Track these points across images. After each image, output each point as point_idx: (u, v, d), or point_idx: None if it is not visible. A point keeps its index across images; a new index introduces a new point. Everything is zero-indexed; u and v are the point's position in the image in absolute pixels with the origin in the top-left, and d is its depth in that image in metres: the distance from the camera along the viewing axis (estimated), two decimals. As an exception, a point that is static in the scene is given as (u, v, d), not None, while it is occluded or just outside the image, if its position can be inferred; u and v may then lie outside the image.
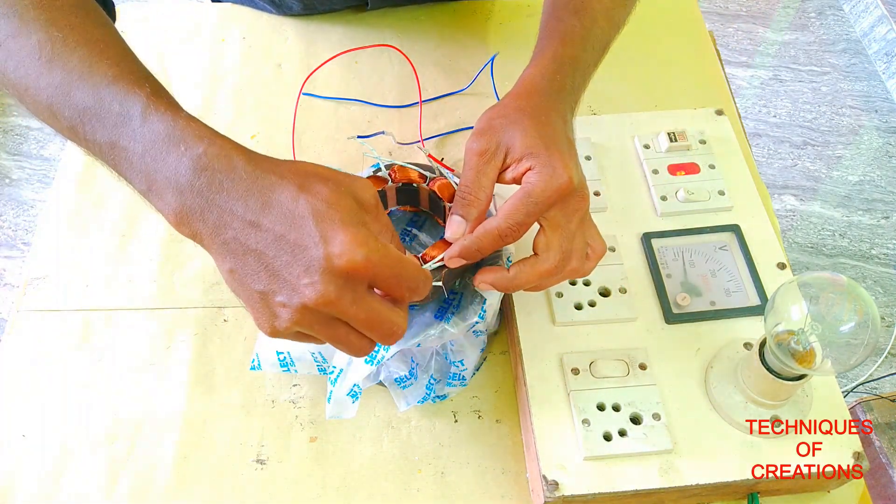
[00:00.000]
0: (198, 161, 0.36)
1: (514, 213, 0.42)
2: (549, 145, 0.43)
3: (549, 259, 0.44)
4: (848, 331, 0.41)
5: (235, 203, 0.36)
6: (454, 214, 0.44)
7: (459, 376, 0.53)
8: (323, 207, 0.35)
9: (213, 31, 0.79)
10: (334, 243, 0.35)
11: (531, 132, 0.43)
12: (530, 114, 0.44)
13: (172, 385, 0.56)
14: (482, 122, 0.45)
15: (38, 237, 0.64)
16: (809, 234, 1.61)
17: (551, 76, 0.47)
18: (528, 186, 0.42)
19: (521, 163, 0.43)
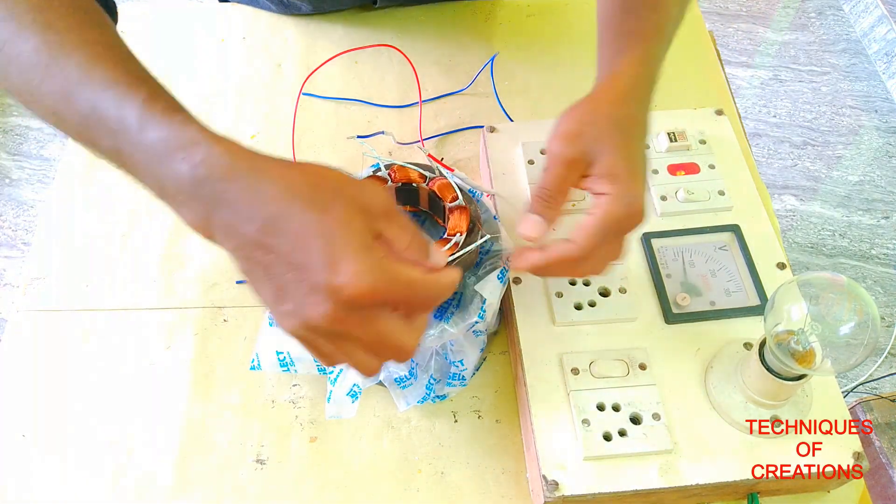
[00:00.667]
0: (196, 170, 0.34)
1: (592, 240, 0.43)
2: (631, 171, 0.43)
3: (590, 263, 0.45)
4: (848, 331, 0.41)
5: (237, 217, 0.34)
6: (532, 213, 0.45)
7: (459, 376, 0.53)
8: (331, 228, 0.34)
9: (213, 31, 0.79)
10: (340, 271, 0.33)
11: (620, 151, 0.43)
12: (622, 127, 0.44)
13: (172, 385, 0.56)
14: (571, 124, 0.44)
15: (38, 237, 0.64)
16: (809, 234, 1.61)
17: (644, 80, 0.47)
18: (606, 213, 0.43)
19: (601, 181, 0.43)
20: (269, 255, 0.34)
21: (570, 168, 0.44)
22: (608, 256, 0.46)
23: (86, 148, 0.39)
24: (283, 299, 0.35)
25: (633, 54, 0.47)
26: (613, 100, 0.45)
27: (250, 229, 0.34)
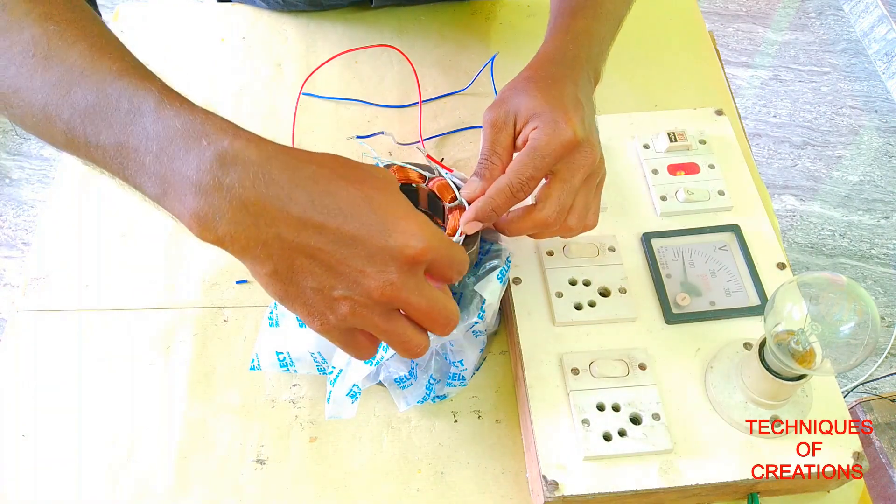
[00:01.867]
0: (225, 154, 0.33)
1: (522, 168, 0.44)
2: (553, 105, 0.44)
3: (546, 209, 0.45)
4: (848, 331, 0.41)
5: (277, 198, 0.33)
6: (471, 178, 0.47)
7: (459, 376, 0.53)
8: (376, 195, 0.34)
9: (213, 31, 0.79)
10: (397, 231, 0.34)
11: (536, 96, 0.45)
12: (537, 81, 0.46)
13: (172, 385, 0.56)
14: (497, 98, 0.48)
15: (38, 237, 0.64)
16: (809, 234, 1.61)
17: (563, 48, 0.49)
18: (533, 142, 0.44)
19: (527, 125, 0.45)
20: (316, 235, 0.33)
21: (495, 128, 0.46)
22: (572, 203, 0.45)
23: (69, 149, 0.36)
24: (332, 284, 0.34)
25: (556, 30, 0.51)
26: (530, 67, 0.49)
27: (294, 209, 0.33)
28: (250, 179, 0.33)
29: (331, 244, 0.33)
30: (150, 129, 0.34)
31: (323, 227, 0.33)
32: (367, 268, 0.34)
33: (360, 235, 0.33)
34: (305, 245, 0.33)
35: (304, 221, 0.33)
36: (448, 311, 0.37)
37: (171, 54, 0.77)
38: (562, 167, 0.44)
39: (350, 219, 0.33)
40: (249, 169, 0.33)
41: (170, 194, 0.34)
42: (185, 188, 0.33)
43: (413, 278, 0.35)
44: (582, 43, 0.50)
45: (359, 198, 0.34)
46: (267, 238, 0.33)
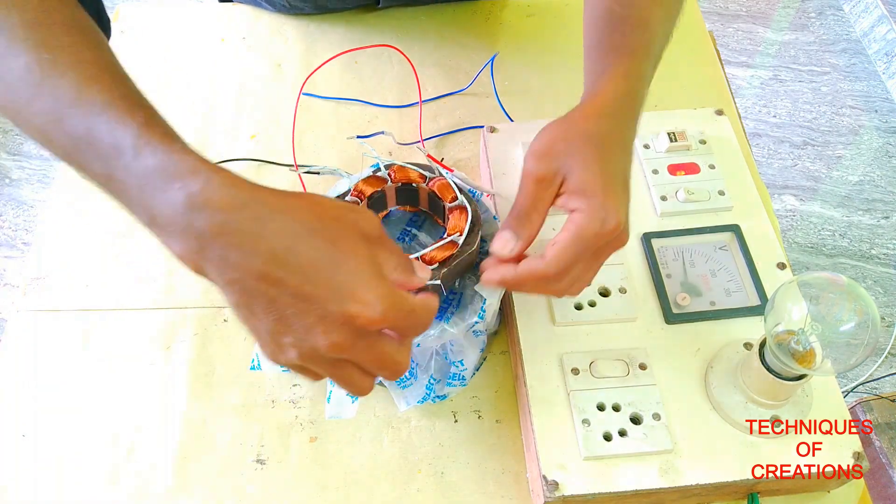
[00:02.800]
0: (195, 199, 0.33)
1: (562, 257, 0.42)
2: (606, 185, 0.41)
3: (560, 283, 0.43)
4: (848, 331, 0.41)
5: (240, 249, 0.33)
6: (505, 229, 0.44)
7: (459, 376, 0.53)
8: (340, 257, 0.34)
9: (213, 31, 0.79)
10: (353, 299, 0.34)
11: (592, 167, 0.42)
12: (596, 143, 0.43)
13: (172, 385, 0.56)
14: (543, 142, 0.43)
15: (38, 237, 0.64)
16: (809, 234, 1.61)
17: (623, 96, 0.45)
18: (578, 230, 0.41)
19: (574, 197, 0.42)
20: (274, 288, 0.34)
21: (541, 185, 0.43)
22: (585, 277, 0.44)
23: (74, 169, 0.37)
24: (283, 331, 0.35)
25: (615, 71, 0.46)
26: (589, 116, 0.44)
27: (255, 262, 0.33)
28: (217, 227, 0.33)
29: (288, 298, 0.34)
30: (130, 165, 0.34)
31: (282, 283, 0.34)
32: (319, 327, 0.34)
33: (316, 296, 0.34)
34: (264, 294, 0.34)
35: (265, 274, 0.34)
36: (397, 363, 0.38)
37: (171, 54, 0.77)
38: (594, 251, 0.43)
39: (310, 279, 0.34)
40: (217, 216, 0.33)
41: (156, 224, 0.35)
42: (165, 223, 0.34)
43: (363, 340, 0.35)
44: (641, 91, 0.46)
45: (322, 259, 0.34)
46: (231, 279, 0.34)
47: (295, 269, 0.33)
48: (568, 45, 0.78)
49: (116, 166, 0.35)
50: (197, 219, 0.33)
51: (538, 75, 0.75)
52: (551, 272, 0.42)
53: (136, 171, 0.34)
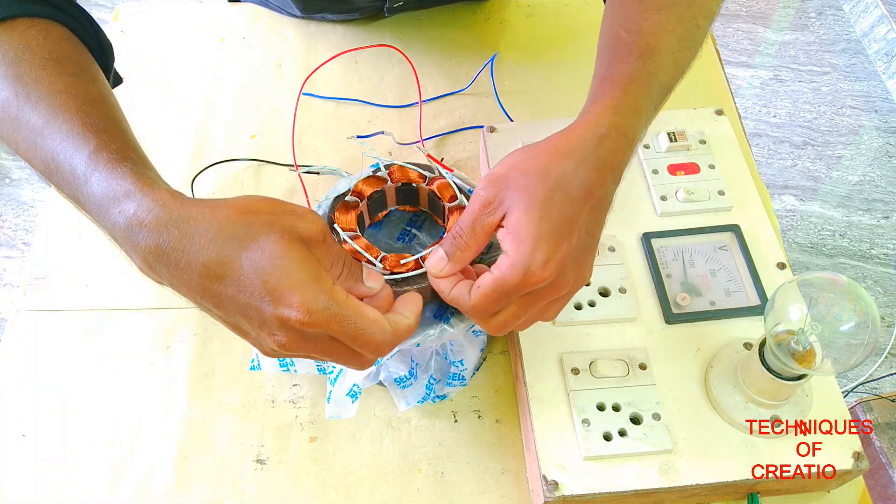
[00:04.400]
0: (130, 222, 0.35)
1: (484, 301, 0.40)
2: (540, 235, 0.38)
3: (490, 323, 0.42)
4: (848, 331, 0.41)
5: (176, 267, 0.35)
6: (441, 247, 0.42)
7: (459, 376, 0.53)
8: (269, 264, 0.34)
9: (213, 31, 0.79)
10: (284, 304, 0.34)
11: (532, 211, 0.39)
12: (549, 185, 0.39)
13: (172, 385, 0.56)
14: (502, 167, 0.41)
15: (38, 237, 0.64)
16: (809, 234, 1.61)
17: (607, 132, 0.41)
18: (500, 275, 0.39)
19: (506, 238, 0.39)
20: (216, 299, 0.36)
21: (483, 210, 0.40)
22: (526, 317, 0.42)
23: None
24: (242, 334, 0.38)
25: (604, 103, 0.42)
26: (556, 152, 0.40)
27: (192, 277, 0.35)
28: (153, 247, 0.35)
29: (231, 306, 0.36)
30: (83, 191, 0.37)
31: (221, 294, 0.35)
32: (262, 330, 0.36)
33: (251, 304, 0.35)
34: (213, 304, 0.36)
35: (204, 288, 0.35)
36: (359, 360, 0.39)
37: (171, 54, 0.77)
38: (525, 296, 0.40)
39: (242, 288, 0.35)
40: (150, 238, 0.35)
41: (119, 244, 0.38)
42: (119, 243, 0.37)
43: (311, 339, 0.36)
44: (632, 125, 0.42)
45: (251, 267, 0.34)
46: (183, 292, 0.37)
47: (228, 280, 0.35)
48: (568, 45, 0.78)
49: (76, 191, 0.38)
50: (136, 240, 0.35)
51: (538, 75, 0.75)
52: (475, 312, 0.41)
53: (88, 195, 0.37)
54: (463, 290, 0.41)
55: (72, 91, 0.40)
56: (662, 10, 0.46)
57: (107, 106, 0.41)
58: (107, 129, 0.39)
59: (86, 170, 0.37)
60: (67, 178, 0.38)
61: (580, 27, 0.79)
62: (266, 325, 0.35)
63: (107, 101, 0.41)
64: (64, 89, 0.40)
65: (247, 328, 0.37)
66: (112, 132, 0.39)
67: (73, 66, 0.42)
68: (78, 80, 0.41)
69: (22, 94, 0.39)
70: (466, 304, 0.41)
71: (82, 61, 0.43)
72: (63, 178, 0.38)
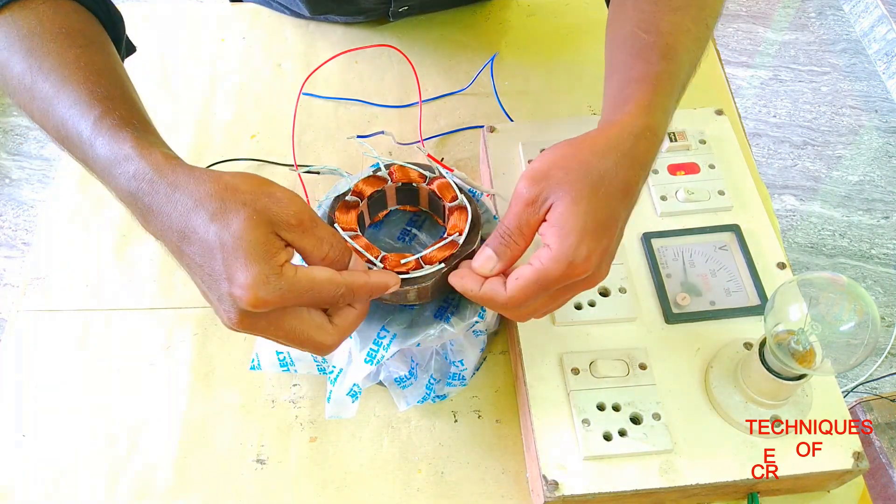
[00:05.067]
0: (130, 184, 0.38)
1: (522, 294, 0.41)
2: (585, 228, 0.39)
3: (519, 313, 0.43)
4: (848, 331, 0.41)
5: (159, 228, 0.38)
6: (487, 247, 0.43)
7: (459, 376, 0.53)
8: (230, 241, 0.36)
9: (213, 31, 0.79)
10: (236, 282, 0.36)
11: (578, 205, 0.40)
12: (593, 180, 0.40)
13: (172, 385, 0.56)
14: (541, 164, 0.41)
15: (38, 237, 0.64)
16: (809, 234, 1.61)
17: (641, 132, 0.42)
18: (543, 268, 0.40)
19: (550, 231, 0.40)
20: (188, 263, 0.38)
21: (528, 209, 0.41)
22: (550, 307, 0.44)
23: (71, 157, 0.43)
24: (208, 301, 0.39)
25: (638, 103, 0.44)
26: (596, 148, 0.41)
27: (172, 239, 0.38)
28: (145, 207, 0.38)
29: (198, 272, 0.38)
30: (89, 154, 0.40)
31: (191, 260, 0.38)
32: (220, 305, 0.38)
33: (213, 276, 0.37)
34: (187, 268, 0.39)
35: (179, 250, 0.38)
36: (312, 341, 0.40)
37: (171, 54, 0.77)
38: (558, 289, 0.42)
39: (206, 260, 0.37)
40: (144, 198, 0.38)
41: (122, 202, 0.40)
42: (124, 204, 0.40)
43: (262, 318, 0.38)
44: (661, 125, 0.44)
45: (216, 241, 0.36)
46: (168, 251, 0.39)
47: (197, 249, 0.37)
48: (568, 45, 0.78)
49: (84, 155, 0.40)
50: (135, 199, 0.38)
51: (538, 75, 0.75)
52: (510, 304, 0.42)
53: (94, 159, 0.40)
54: (496, 285, 0.42)
55: (80, 62, 0.42)
56: (678, 11, 0.47)
57: (114, 75, 0.43)
58: (111, 97, 0.41)
59: (91, 135, 0.39)
60: (76, 142, 0.40)
61: (580, 27, 0.79)
62: (222, 301, 0.37)
63: (114, 71, 0.44)
64: (73, 60, 0.42)
65: (211, 298, 0.39)
66: (116, 100, 0.41)
67: (81, 39, 0.44)
68: (86, 52, 0.43)
69: (35, 66, 0.42)
70: (502, 297, 0.42)
71: (91, 33, 0.45)
72: (72, 143, 0.41)
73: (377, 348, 0.47)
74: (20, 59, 0.42)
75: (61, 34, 0.43)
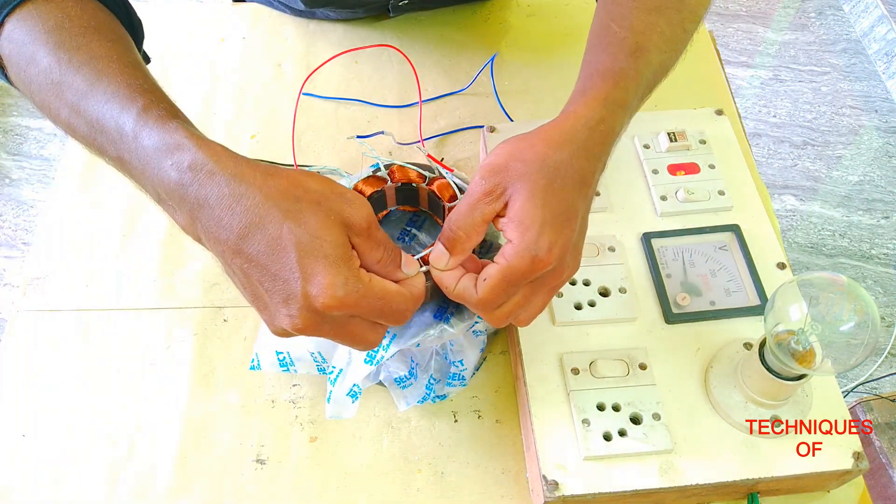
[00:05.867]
0: (183, 175, 0.36)
1: (493, 293, 0.40)
2: (545, 220, 0.39)
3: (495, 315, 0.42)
4: (848, 331, 0.41)
5: (217, 224, 0.36)
6: (439, 243, 0.42)
7: (459, 376, 0.53)
8: (307, 240, 0.35)
9: (213, 31, 0.79)
10: (314, 282, 0.35)
11: (536, 197, 0.40)
12: (549, 172, 0.40)
13: (172, 385, 0.56)
14: (500, 157, 0.41)
15: (38, 237, 0.64)
16: (809, 234, 1.61)
17: (596, 124, 0.43)
18: (506, 265, 0.40)
19: (510, 226, 0.40)
20: (246, 263, 0.36)
21: (484, 199, 0.41)
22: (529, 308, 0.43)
23: (97, 156, 0.41)
24: (261, 307, 0.38)
25: (595, 95, 0.44)
26: (551, 140, 0.41)
27: (230, 236, 0.36)
28: (202, 199, 0.36)
29: (258, 274, 0.36)
30: (132, 147, 0.38)
31: (253, 259, 0.36)
32: (282, 308, 0.36)
33: (280, 276, 0.35)
34: (240, 269, 0.37)
35: (238, 249, 0.36)
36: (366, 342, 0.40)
37: (171, 54, 0.77)
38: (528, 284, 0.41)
39: (274, 259, 0.35)
40: (201, 190, 0.36)
41: (162, 200, 0.38)
42: (166, 197, 0.38)
43: (328, 322, 0.37)
44: (616, 119, 0.44)
45: (287, 239, 0.35)
46: (217, 251, 0.37)
47: (264, 247, 0.35)
48: (568, 45, 0.78)
49: (123, 149, 0.38)
50: (187, 191, 0.36)
51: (538, 75, 0.75)
52: (482, 304, 0.41)
53: (138, 152, 0.37)
54: (468, 284, 0.42)
55: (112, 55, 0.41)
56: (653, 12, 0.48)
57: (147, 72, 0.42)
58: (152, 90, 0.40)
59: (135, 127, 0.37)
60: (114, 136, 0.38)
61: (580, 27, 0.79)
62: (289, 301, 0.36)
63: (146, 69, 0.42)
64: (105, 54, 0.40)
65: (266, 300, 0.37)
66: (157, 93, 0.40)
67: (110, 34, 0.43)
68: (117, 46, 0.42)
69: (64, 59, 0.40)
70: (473, 297, 0.41)
71: (119, 31, 0.44)
72: (108, 138, 0.39)
73: (377, 348, 0.47)
74: (47, 53, 0.40)
75: (90, 29, 0.41)
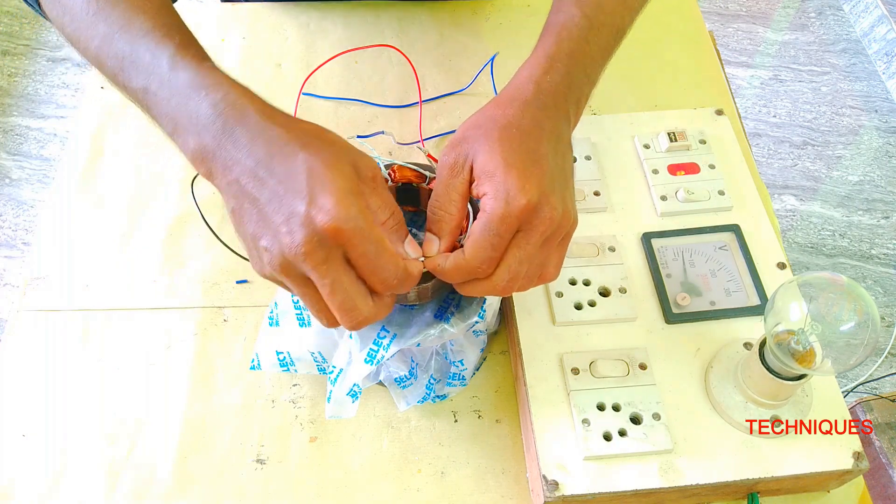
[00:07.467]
0: (215, 107, 0.39)
1: (479, 248, 0.40)
2: (508, 164, 0.40)
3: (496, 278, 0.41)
4: (848, 331, 0.41)
5: (241, 150, 0.38)
6: (428, 230, 0.43)
7: (459, 376, 0.53)
8: (319, 167, 0.37)
9: (213, 31, 0.79)
10: (318, 201, 0.36)
11: (495, 149, 0.41)
12: (502, 125, 0.42)
13: (172, 385, 0.56)
14: (458, 133, 0.44)
15: (38, 237, 0.64)
16: (809, 234, 1.61)
17: (540, 78, 0.44)
18: (486, 215, 0.40)
19: (480, 183, 0.41)
20: (259, 187, 0.38)
21: (452, 174, 0.42)
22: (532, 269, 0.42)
23: (117, 88, 0.45)
24: (261, 233, 0.38)
25: (536, 53, 0.46)
26: (500, 102, 0.44)
27: (249, 162, 0.38)
28: (228, 131, 0.39)
29: (267, 195, 0.38)
30: (165, 78, 0.41)
31: (264, 182, 0.38)
32: (283, 227, 0.37)
33: (287, 196, 0.37)
34: (250, 193, 0.38)
35: (253, 173, 0.38)
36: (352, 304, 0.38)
37: (171, 54, 0.77)
38: (518, 233, 0.41)
39: (286, 180, 0.37)
40: (229, 122, 0.39)
41: (177, 131, 0.41)
42: (187, 128, 0.40)
43: (323, 250, 0.37)
44: (562, 70, 0.45)
45: (301, 165, 0.37)
46: (230, 179, 0.39)
47: (277, 170, 0.38)
48: (568, 45, 0.78)
49: (153, 80, 0.41)
50: (215, 122, 0.39)
51: (538, 75, 0.74)
52: (473, 264, 0.40)
53: (170, 83, 0.41)
54: (457, 252, 0.42)
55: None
56: None
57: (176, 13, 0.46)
58: (183, 31, 0.44)
59: (171, 61, 0.41)
60: (147, 67, 0.41)
61: (580, 27, 0.79)
62: (290, 219, 0.36)
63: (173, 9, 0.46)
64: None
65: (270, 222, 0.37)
66: (190, 36, 0.44)
67: None
68: None
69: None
70: (463, 260, 0.41)
71: None
72: (139, 69, 0.42)
73: (377, 348, 0.47)
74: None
75: None
